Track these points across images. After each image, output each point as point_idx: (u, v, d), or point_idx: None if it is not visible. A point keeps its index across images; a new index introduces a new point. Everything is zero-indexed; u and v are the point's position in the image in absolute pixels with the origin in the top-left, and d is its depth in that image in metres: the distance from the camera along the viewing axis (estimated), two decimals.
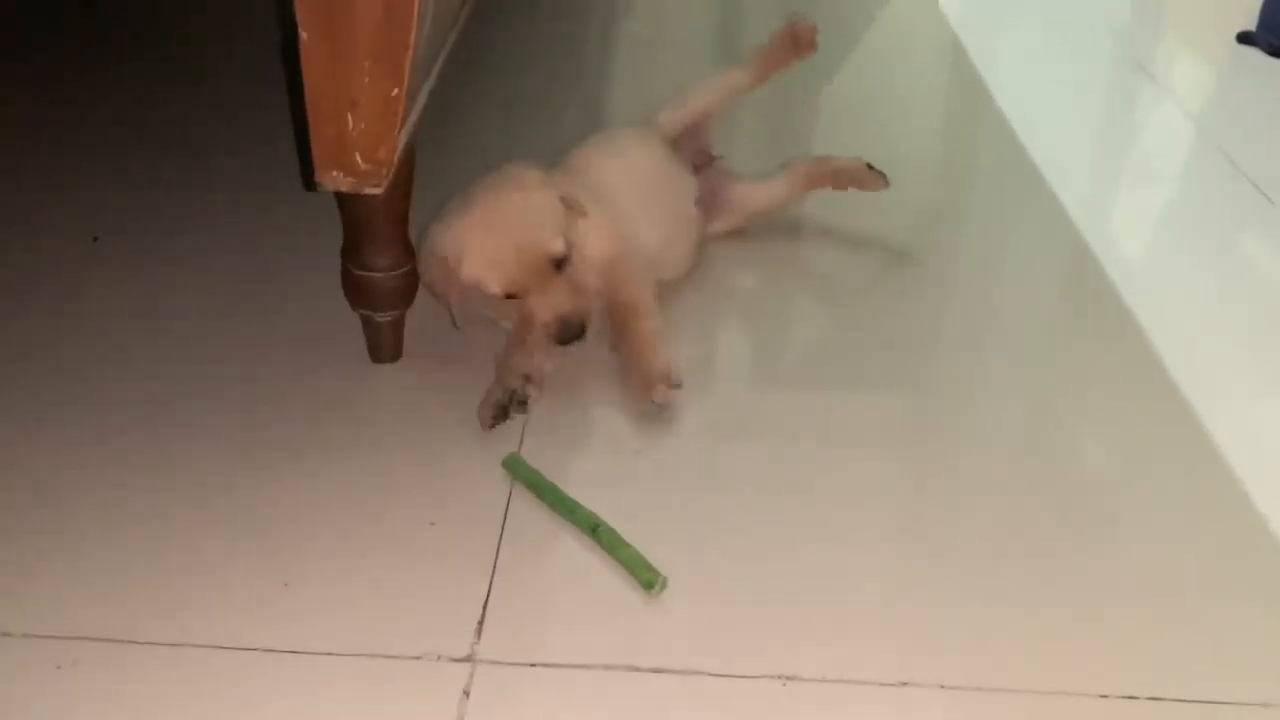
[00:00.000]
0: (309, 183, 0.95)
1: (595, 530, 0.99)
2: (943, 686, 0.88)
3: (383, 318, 1.18)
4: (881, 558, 1.01)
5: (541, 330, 1.16)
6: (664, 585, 0.94)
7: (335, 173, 0.92)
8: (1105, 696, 0.88)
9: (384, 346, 1.20)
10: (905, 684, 0.88)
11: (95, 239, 1.41)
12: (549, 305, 1.16)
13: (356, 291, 1.16)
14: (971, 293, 1.45)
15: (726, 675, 0.88)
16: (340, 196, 1.10)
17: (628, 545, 0.97)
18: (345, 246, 1.15)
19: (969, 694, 0.88)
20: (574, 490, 1.04)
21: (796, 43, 1.47)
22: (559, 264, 1.15)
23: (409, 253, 1.16)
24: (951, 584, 0.99)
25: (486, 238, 1.15)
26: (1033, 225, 1.60)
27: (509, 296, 1.16)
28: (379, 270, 1.14)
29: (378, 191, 0.95)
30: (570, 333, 1.15)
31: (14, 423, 1.11)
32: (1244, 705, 0.88)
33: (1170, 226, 1.68)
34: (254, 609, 0.93)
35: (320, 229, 1.29)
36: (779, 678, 0.88)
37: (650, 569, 0.95)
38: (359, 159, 0.91)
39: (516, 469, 1.06)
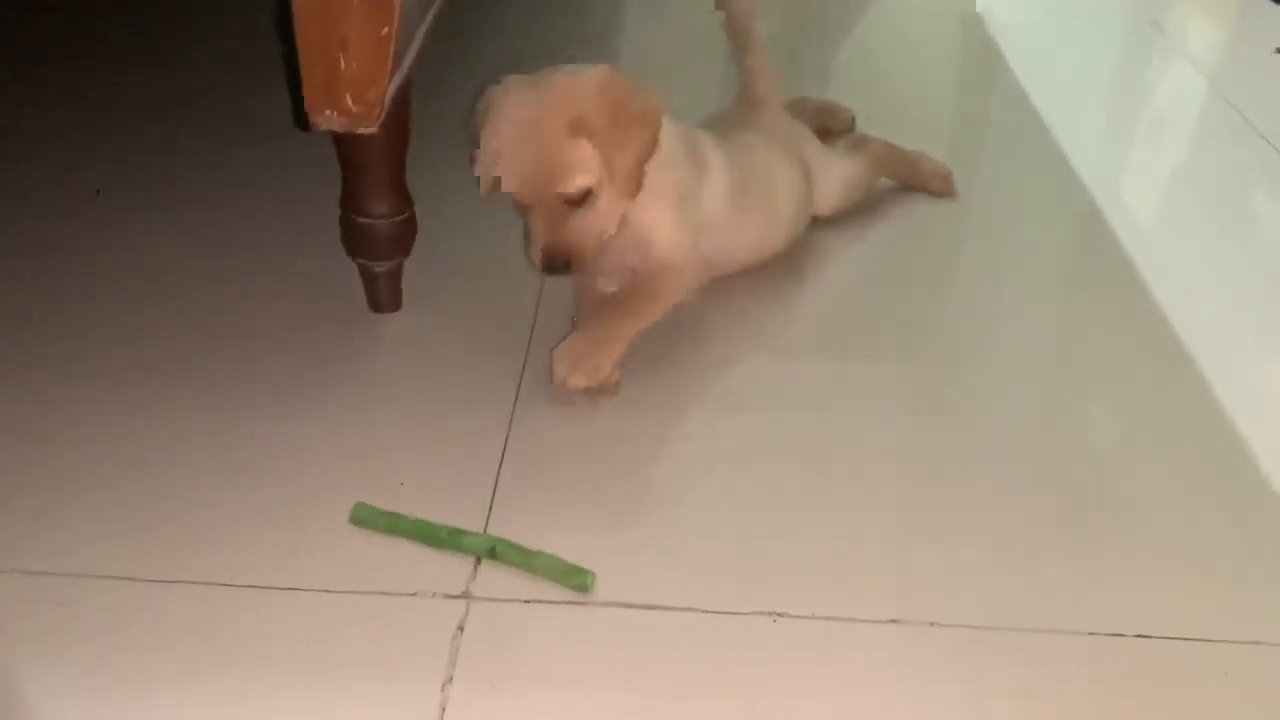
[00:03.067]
0: (302, 123, 0.95)
1: (493, 552, 0.92)
2: (933, 624, 0.89)
3: (380, 267, 1.18)
4: (877, 505, 1.01)
5: (532, 252, 1.11)
6: (593, 579, 0.90)
7: (328, 112, 0.92)
8: (1093, 634, 0.89)
9: (383, 296, 1.21)
10: (895, 621, 0.89)
11: (98, 192, 1.42)
12: (544, 230, 1.09)
13: (355, 240, 1.17)
14: (981, 255, 1.43)
15: (717, 612, 0.89)
16: (338, 143, 1.11)
17: (538, 553, 0.92)
18: (343, 194, 1.16)
19: (959, 631, 0.89)
20: (581, 441, 1.05)
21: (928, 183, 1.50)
22: (573, 200, 1.08)
23: (406, 200, 1.16)
24: (943, 528, 0.99)
25: (522, 131, 1.07)
26: (1044, 186, 1.58)
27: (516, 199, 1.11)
28: (376, 217, 1.14)
29: (370, 131, 0.95)
30: (551, 266, 1.10)
31: (19, 366, 1.13)
32: (1234, 644, 0.89)
33: (1182, 185, 1.67)
34: (252, 548, 0.94)
35: (320, 180, 1.29)
36: (769, 614, 0.89)
37: (577, 571, 0.90)
38: (350, 99, 0.91)
39: (368, 520, 0.96)
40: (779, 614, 0.89)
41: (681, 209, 1.17)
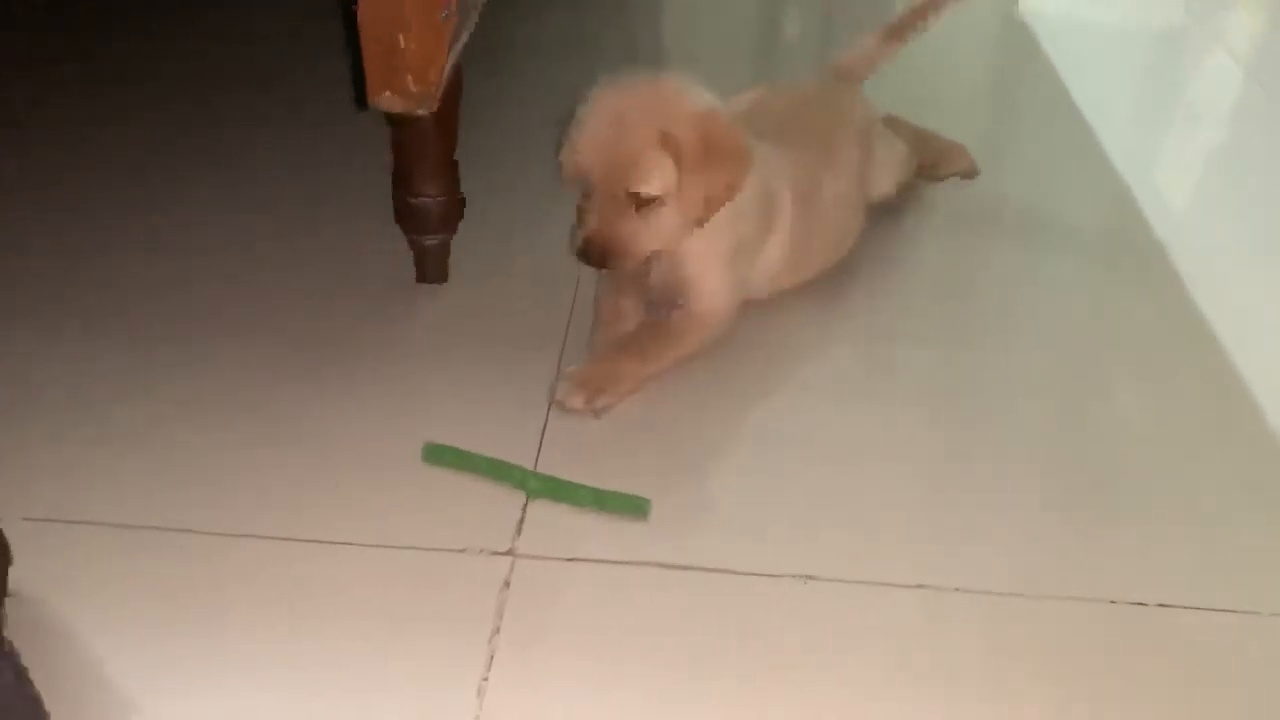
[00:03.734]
0: (362, 103, 1.00)
1: (555, 491, 1.00)
2: (959, 590, 0.93)
3: (430, 241, 1.23)
4: (907, 476, 1.05)
5: (575, 236, 1.12)
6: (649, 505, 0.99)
7: (387, 93, 0.97)
8: (1114, 602, 0.92)
9: (430, 268, 1.26)
10: (922, 586, 0.93)
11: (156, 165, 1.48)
12: (598, 218, 1.09)
13: (405, 216, 1.22)
14: (1013, 241, 1.45)
15: (751, 574, 0.93)
16: (391, 124, 1.15)
17: (599, 493, 0.99)
18: (395, 173, 1.20)
19: (984, 597, 0.92)
20: (621, 413, 1.09)
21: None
22: (639, 202, 1.09)
23: (455, 180, 1.21)
24: (971, 498, 1.03)
25: (614, 123, 1.08)
26: (1076, 172, 1.59)
27: (577, 184, 1.12)
28: (427, 196, 1.19)
29: (428, 112, 0.99)
30: (589, 255, 1.10)
31: (87, 331, 1.19)
32: (1257, 615, 0.92)
33: (1216, 174, 1.68)
34: (307, 505, 0.99)
35: (373, 154, 1.34)
36: (801, 577, 0.93)
37: (635, 500, 0.98)
38: (410, 81, 0.96)
39: (440, 456, 1.03)
40: (810, 577, 0.93)
41: (733, 262, 1.18)
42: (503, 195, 1.42)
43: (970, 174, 1.52)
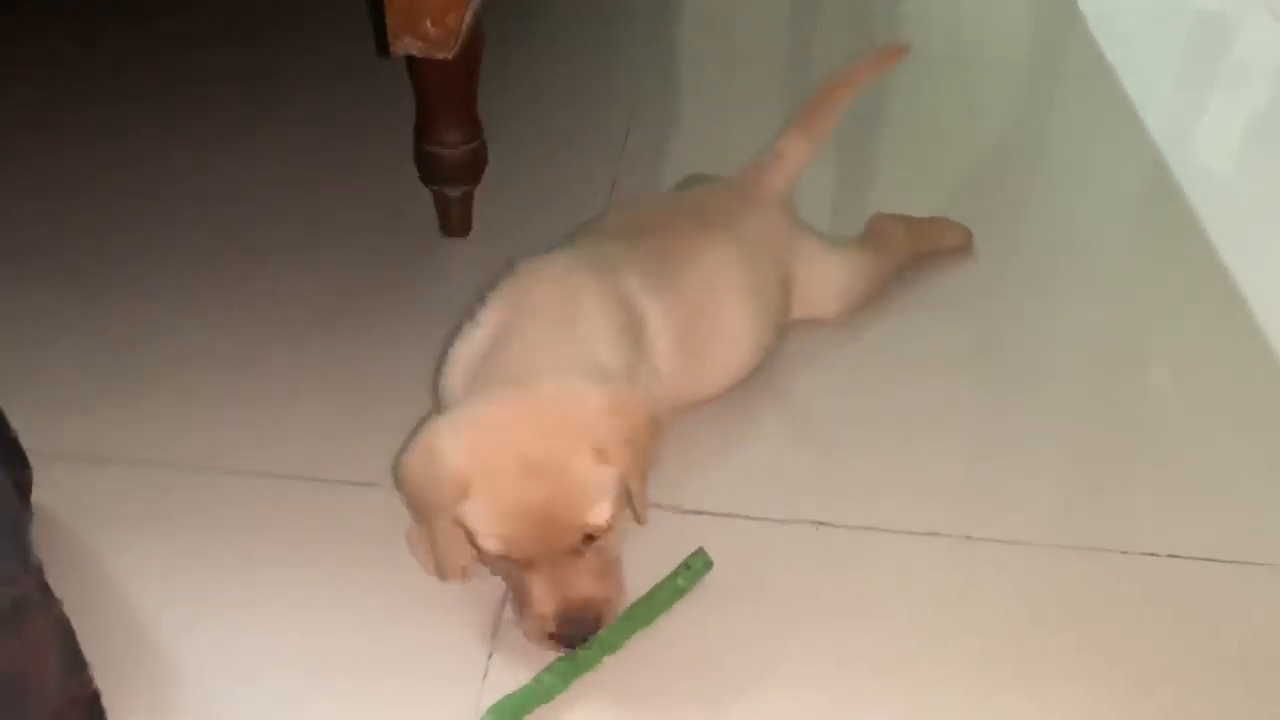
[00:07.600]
0: (383, 49, 1.01)
1: (623, 631, 0.85)
2: (969, 538, 0.93)
3: (452, 192, 1.24)
4: (924, 426, 1.06)
5: (535, 620, 0.83)
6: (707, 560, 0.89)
7: (407, 38, 0.98)
8: (1125, 553, 0.92)
9: (454, 220, 1.27)
10: (933, 534, 0.94)
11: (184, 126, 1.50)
12: (554, 587, 0.82)
13: (428, 167, 1.23)
14: (1045, 204, 1.43)
15: (762, 519, 0.95)
16: (413, 73, 1.16)
17: (664, 591, 0.87)
18: (417, 123, 1.21)
19: (993, 545, 0.93)
20: None
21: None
22: (591, 538, 0.83)
23: (477, 128, 1.21)
24: (985, 451, 1.03)
25: (536, 466, 0.80)
26: (1111, 139, 1.56)
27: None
28: (449, 146, 1.20)
29: (447, 57, 1.00)
30: (576, 630, 0.82)
31: (114, 278, 1.21)
32: (1265, 565, 0.92)
33: (1255, 141, 1.64)
34: (333, 447, 1.01)
35: (395, 109, 1.35)
36: (812, 523, 0.94)
37: (694, 561, 0.89)
38: (430, 25, 0.97)
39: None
40: (822, 523, 0.94)
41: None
42: (525, 148, 1.43)
43: (966, 247, 1.30)
